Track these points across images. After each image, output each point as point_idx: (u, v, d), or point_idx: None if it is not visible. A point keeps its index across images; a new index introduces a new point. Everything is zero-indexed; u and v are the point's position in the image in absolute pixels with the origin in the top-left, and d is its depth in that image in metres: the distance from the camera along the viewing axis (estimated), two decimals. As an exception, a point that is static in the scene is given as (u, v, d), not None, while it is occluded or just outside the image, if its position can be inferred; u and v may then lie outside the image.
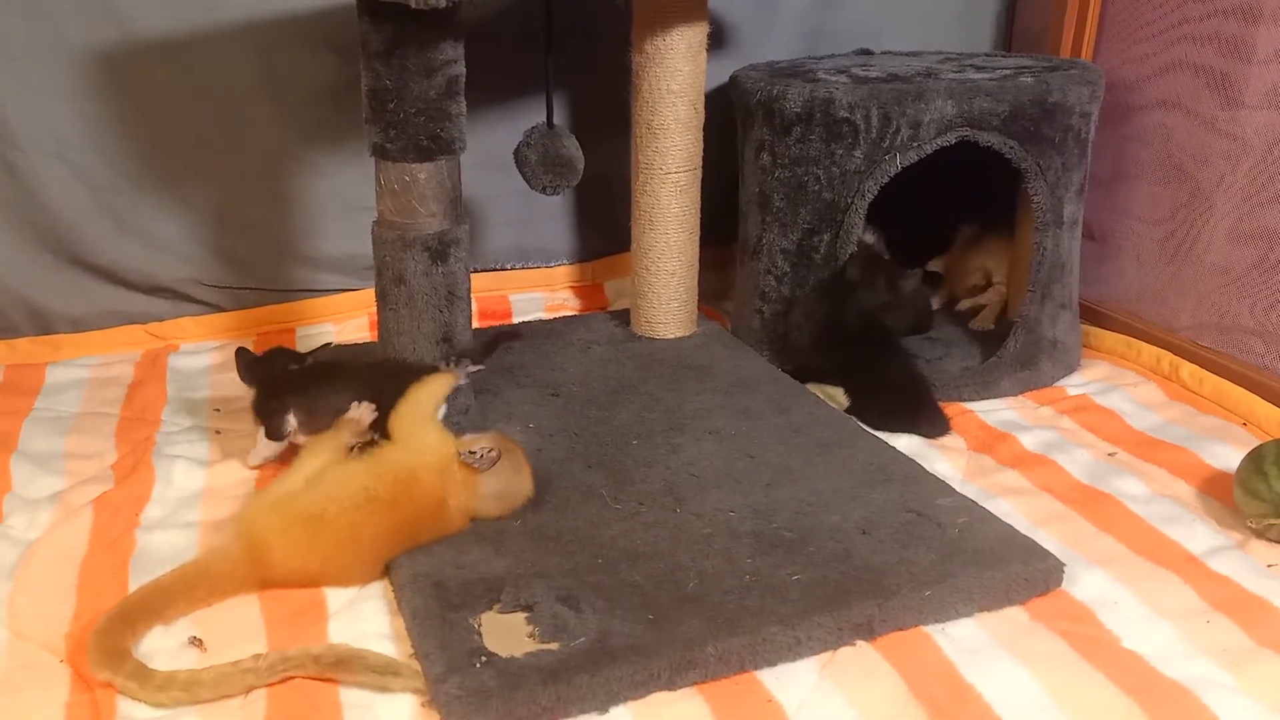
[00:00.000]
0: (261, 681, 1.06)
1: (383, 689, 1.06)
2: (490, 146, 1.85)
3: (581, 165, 1.75)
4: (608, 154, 1.90)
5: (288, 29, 1.79)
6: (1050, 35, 1.98)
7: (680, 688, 1.06)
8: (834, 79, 1.67)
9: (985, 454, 1.52)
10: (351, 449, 1.32)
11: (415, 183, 1.40)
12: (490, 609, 1.12)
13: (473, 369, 1.45)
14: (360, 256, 1.91)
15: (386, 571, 1.24)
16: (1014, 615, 1.18)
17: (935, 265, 2.00)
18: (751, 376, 1.66)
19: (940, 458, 1.50)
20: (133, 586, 1.22)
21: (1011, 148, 1.60)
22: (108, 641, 1.08)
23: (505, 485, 1.28)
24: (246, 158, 1.85)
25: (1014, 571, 1.19)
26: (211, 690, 1.05)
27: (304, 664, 1.07)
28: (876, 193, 1.62)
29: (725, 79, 1.84)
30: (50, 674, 1.09)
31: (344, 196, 1.90)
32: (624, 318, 1.86)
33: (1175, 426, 1.60)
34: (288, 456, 1.43)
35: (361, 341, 1.87)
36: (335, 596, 1.21)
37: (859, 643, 1.12)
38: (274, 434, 1.42)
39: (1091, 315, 1.90)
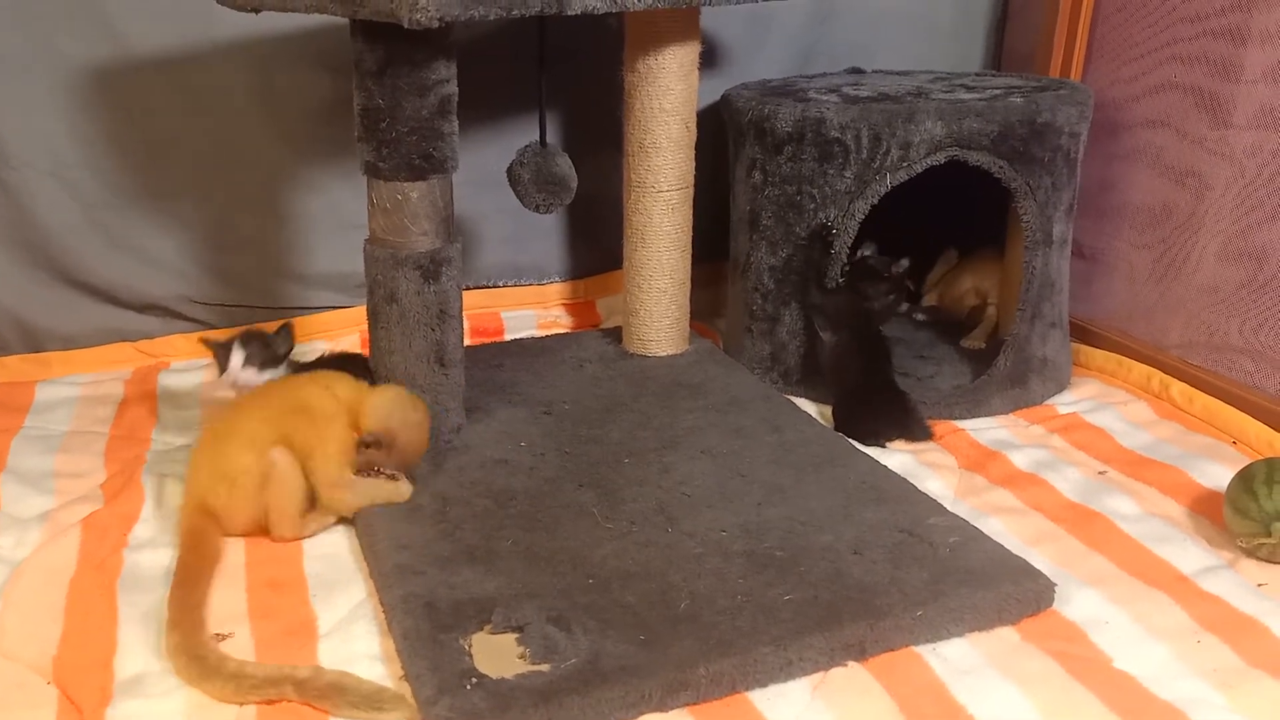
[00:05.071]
0: (242, 697, 1.06)
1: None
2: (483, 164, 1.85)
3: (574, 183, 1.75)
4: (600, 172, 1.90)
5: (282, 47, 1.79)
6: (1040, 55, 1.99)
7: (672, 709, 1.06)
8: (825, 98, 1.68)
9: (976, 473, 1.52)
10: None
11: (407, 201, 1.40)
12: (481, 630, 1.12)
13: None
14: (352, 274, 1.91)
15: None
16: (1006, 635, 1.18)
17: (930, 298, 2.02)
18: (744, 395, 1.66)
19: (931, 476, 1.50)
20: (121, 607, 1.21)
21: (1001, 167, 1.60)
22: (196, 652, 1.11)
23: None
24: (239, 175, 1.85)
25: (1005, 591, 1.19)
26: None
27: (285, 688, 1.07)
28: (867, 212, 1.63)
29: (717, 97, 1.85)
30: (38, 695, 1.08)
31: (336, 214, 1.90)
32: (616, 335, 1.86)
33: (1165, 445, 1.61)
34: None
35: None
36: (326, 617, 1.20)
37: (851, 663, 1.12)
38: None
39: (1081, 334, 1.91)
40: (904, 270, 1.78)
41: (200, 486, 1.32)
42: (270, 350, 1.48)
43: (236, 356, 1.46)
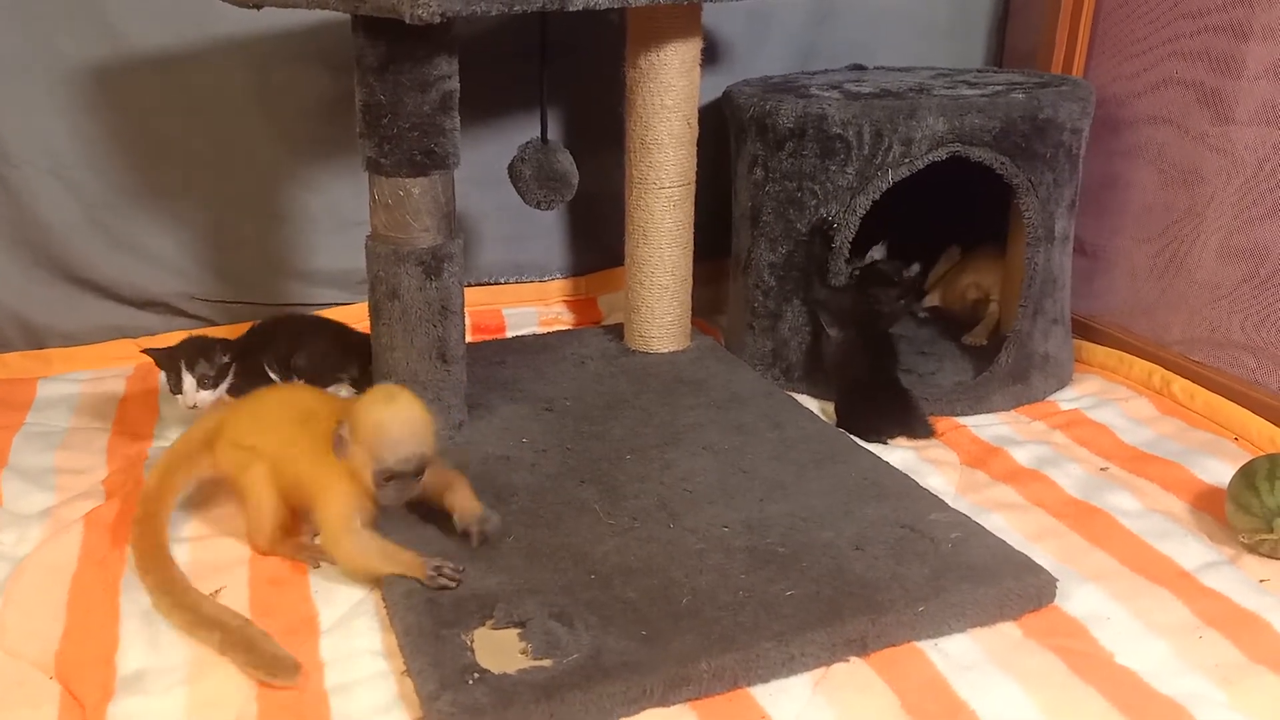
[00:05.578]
0: (191, 631, 1.15)
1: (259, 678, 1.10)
2: (484, 161, 1.85)
3: (576, 180, 1.76)
4: (601, 169, 1.90)
5: (281, 45, 1.79)
6: (1042, 51, 1.99)
7: (674, 704, 1.06)
8: (827, 95, 1.68)
9: (978, 469, 1.52)
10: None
11: (409, 197, 1.40)
12: (483, 625, 1.12)
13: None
14: (354, 271, 1.91)
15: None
16: (1007, 631, 1.18)
17: (933, 298, 2.01)
18: (745, 391, 1.66)
19: (933, 472, 1.50)
20: (123, 604, 1.21)
21: (1003, 163, 1.60)
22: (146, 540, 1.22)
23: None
24: (240, 172, 1.85)
25: (1007, 587, 1.19)
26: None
27: (215, 634, 1.13)
28: (868, 208, 1.63)
29: (719, 94, 1.84)
30: (40, 692, 1.09)
31: (338, 211, 1.90)
32: (618, 332, 1.86)
33: (1167, 441, 1.61)
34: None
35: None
36: (327, 614, 1.20)
37: (852, 659, 1.12)
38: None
39: (1083, 330, 1.91)
40: (915, 276, 1.78)
41: (219, 429, 1.34)
42: (215, 362, 1.50)
43: (188, 380, 1.48)
